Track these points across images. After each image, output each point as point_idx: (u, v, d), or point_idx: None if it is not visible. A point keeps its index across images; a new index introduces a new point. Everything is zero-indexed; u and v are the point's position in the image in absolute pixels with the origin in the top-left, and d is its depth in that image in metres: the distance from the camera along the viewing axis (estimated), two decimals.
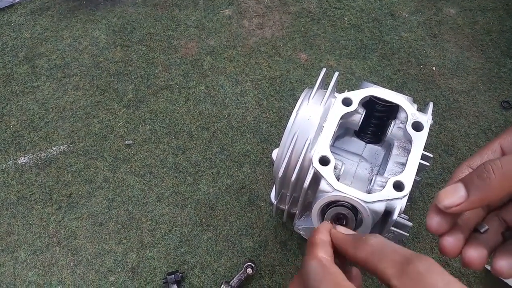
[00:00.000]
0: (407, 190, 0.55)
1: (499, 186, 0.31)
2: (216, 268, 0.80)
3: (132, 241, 0.82)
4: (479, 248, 0.35)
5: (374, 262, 0.31)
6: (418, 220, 0.83)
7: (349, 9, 1.08)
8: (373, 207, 0.55)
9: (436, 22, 1.06)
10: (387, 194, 0.55)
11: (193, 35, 1.05)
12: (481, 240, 0.36)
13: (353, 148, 0.69)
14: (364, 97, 0.62)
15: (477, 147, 0.89)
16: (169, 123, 0.94)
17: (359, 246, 0.33)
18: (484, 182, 0.32)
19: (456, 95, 0.96)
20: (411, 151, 0.58)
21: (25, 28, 1.06)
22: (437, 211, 0.35)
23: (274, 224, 0.83)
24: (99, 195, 0.86)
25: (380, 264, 0.30)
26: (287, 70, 0.99)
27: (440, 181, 0.86)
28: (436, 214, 0.35)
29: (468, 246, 0.35)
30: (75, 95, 0.97)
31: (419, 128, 0.60)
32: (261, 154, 0.90)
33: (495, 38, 1.03)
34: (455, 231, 0.36)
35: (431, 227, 0.35)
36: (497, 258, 0.34)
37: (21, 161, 0.90)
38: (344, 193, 0.55)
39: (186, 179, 0.88)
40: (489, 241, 0.36)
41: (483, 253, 0.35)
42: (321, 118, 0.61)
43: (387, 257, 0.31)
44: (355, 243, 0.34)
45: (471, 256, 0.34)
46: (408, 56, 1.01)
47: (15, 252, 0.81)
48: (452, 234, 0.36)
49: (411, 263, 0.29)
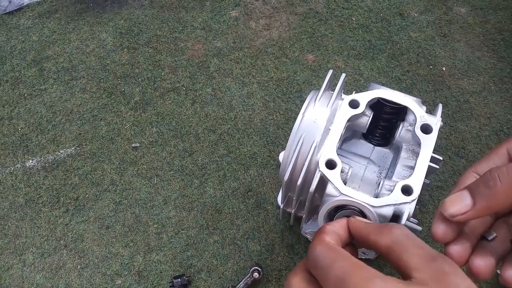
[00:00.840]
0: (416, 194, 0.54)
1: (505, 194, 0.30)
2: (222, 272, 0.79)
3: (139, 244, 0.82)
4: (487, 256, 0.34)
5: (398, 251, 0.30)
6: (428, 224, 0.81)
7: (357, 9, 1.07)
8: (381, 211, 0.54)
9: (446, 22, 1.04)
10: (395, 199, 0.54)
11: (199, 37, 1.05)
12: (488, 249, 0.34)
13: (361, 151, 0.68)
14: (371, 99, 0.61)
15: (488, 149, 0.87)
16: (176, 126, 0.93)
17: (384, 233, 0.32)
18: (490, 190, 0.31)
19: (467, 96, 0.94)
20: (420, 154, 0.57)
21: (33, 31, 1.07)
22: (442, 219, 0.34)
23: (281, 227, 0.82)
24: (106, 198, 0.86)
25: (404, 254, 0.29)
26: (294, 72, 0.98)
27: (450, 184, 0.84)
28: (441, 222, 0.34)
29: (475, 254, 0.34)
30: (82, 98, 0.97)
31: (428, 131, 0.58)
32: (268, 156, 0.89)
33: (507, 37, 1.01)
34: (461, 239, 0.35)
35: (436, 235, 0.34)
36: (505, 267, 0.33)
37: (29, 164, 0.90)
38: (351, 197, 0.54)
39: (193, 182, 0.87)
40: (497, 249, 0.35)
41: (490, 262, 0.34)
42: (327, 120, 0.60)
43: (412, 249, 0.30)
44: (379, 229, 0.33)
45: (479, 265, 0.33)
46: (418, 57, 0.99)
47: (23, 255, 0.82)
48: (458, 243, 0.35)
49: (436, 261, 0.28)
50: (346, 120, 0.60)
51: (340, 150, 0.66)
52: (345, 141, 0.69)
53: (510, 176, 0.30)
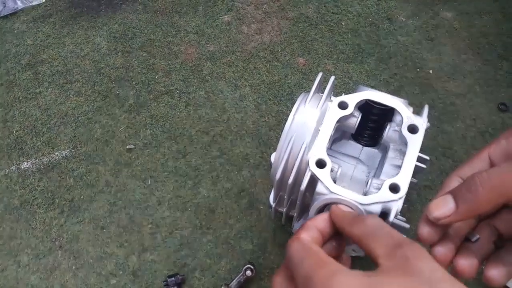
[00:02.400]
0: (403, 192, 0.56)
1: (486, 199, 0.32)
2: (216, 271, 0.80)
3: (133, 245, 0.83)
4: (470, 257, 0.35)
5: (367, 240, 0.31)
6: (416, 222, 0.83)
7: (346, 14, 1.09)
8: (369, 209, 0.56)
9: (432, 26, 1.07)
10: (383, 196, 0.56)
11: (192, 41, 1.07)
12: (472, 249, 0.36)
13: (350, 151, 0.70)
14: (360, 101, 0.63)
15: (474, 149, 0.90)
16: (170, 128, 0.95)
17: (356, 224, 0.34)
18: (471, 194, 0.32)
19: (453, 98, 0.97)
20: (407, 153, 0.59)
21: (28, 35, 1.08)
22: (427, 221, 0.35)
23: (273, 226, 0.84)
24: (100, 199, 0.87)
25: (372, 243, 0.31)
26: (286, 75, 1.01)
27: (437, 184, 0.87)
28: (426, 225, 0.36)
29: (459, 255, 0.36)
30: (77, 101, 0.99)
31: (414, 131, 0.61)
32: (260, 157, 0.91)
33: (492, 41, 1.04)
34: (446, 241, 0.36)
35: (422, 236, 0.36)
36: (488, 267, 0.35)
37: (24, 166, 0.91)
38: (340, 196, 0.56)
39: (187, 182, 0.89)
40: (480, 250, 0.36)
41: (474, 262, 0.35)
42: (317, 122, 0.62)
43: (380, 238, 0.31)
44: (353, 220, 0.34)
45: (462, 265, 0.35)
46: (405, 60, 1.02)
47: (17, 256, 0.83)
48: (443, 244, 0.36)
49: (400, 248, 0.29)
50: (336, 121, 0.62)
51: (330, 151, 0.68)
52: (335, 141, 0.71)
53: (490, 182, 0.32)
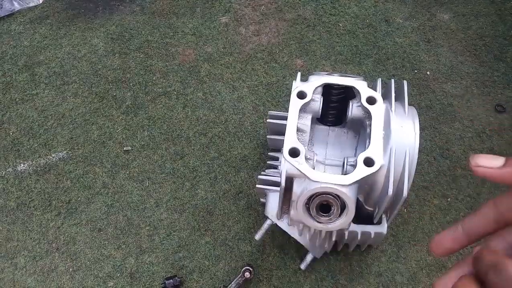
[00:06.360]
0: (379, 163, 0.57)
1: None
2: (214, 273, 0.80)
3: (131, 246, 0.83)
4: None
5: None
6: (414, 223, 0.83)
7: (344, 16, 1.10)
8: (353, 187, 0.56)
9: (430, 28, 1.07)
10: (361, 173, 0.56)
11: (190, 42, 1.06)
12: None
13: (320, 137, 0.70)
14: (317, 86, 0.64)
15: (471, 150, 0.90)
16: (167, 129, 0.95)
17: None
18: None
19: (451, 99, 0.97)
20: (372, 124, 0.60)
21: (25, 37, 1.08)
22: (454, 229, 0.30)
23: (271, 228, 0.83)
24: (98, 201, 0.87)
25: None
26: (283, 76, 1.01)
27: (435, 184, 0.87)
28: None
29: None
30: (74, 102, 0.98)
31: (373, 102, 0.62)
32: (258, 159, 0.91)
33: (488, 43, 1.04)
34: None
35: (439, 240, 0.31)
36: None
37: (21, 168, 0.91)
38: (321, 182, 0.56)
39: (184, 184, 0.88)
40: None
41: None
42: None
43: None
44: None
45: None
46: (403, 61, 1.02)
47: (14, 258, 0.82)
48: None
49: None
50: (298, 110, 0.62)
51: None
52: None
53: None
